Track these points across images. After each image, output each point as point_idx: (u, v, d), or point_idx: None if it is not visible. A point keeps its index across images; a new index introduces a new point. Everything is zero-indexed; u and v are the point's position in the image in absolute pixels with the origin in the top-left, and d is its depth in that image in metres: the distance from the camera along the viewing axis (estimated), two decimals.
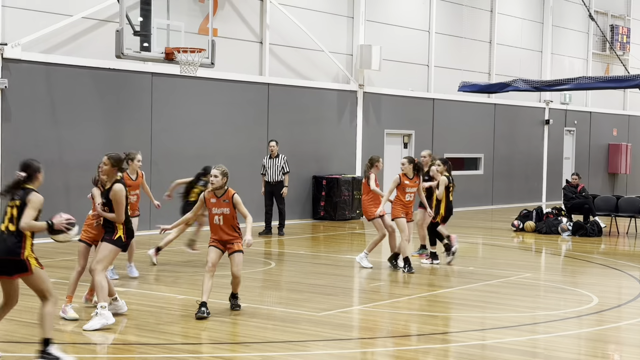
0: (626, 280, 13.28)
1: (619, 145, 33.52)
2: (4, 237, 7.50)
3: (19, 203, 7.56)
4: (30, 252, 7.56)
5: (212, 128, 19.45)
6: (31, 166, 7.85)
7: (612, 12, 33.60)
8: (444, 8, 25.98)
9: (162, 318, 9.68)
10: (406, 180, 13.30)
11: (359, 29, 23.04)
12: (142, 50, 15.01)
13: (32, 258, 7.57)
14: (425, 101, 25.41)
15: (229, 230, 9.87)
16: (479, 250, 17.53)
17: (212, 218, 9.88)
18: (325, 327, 9.39)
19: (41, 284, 7.68)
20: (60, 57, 16.82)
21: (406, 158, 13.69)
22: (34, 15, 16.45)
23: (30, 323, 9.17)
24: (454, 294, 11.67)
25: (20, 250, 7.48)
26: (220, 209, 9.82)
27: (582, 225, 19.21)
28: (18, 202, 7.54)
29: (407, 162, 13.51)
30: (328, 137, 22.29)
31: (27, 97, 16.39)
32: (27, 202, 7.57)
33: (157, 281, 12.25)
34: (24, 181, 7.70)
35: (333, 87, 22.51)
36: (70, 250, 15.12)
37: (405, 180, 13.31)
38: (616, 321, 10.17)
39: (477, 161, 27.64)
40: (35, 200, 7.61)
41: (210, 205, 9.87)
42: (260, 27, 20.69)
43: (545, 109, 30.25)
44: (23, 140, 16.34)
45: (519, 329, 9.47)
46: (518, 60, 28.89)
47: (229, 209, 9.82)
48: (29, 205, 7.56)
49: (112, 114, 17.71)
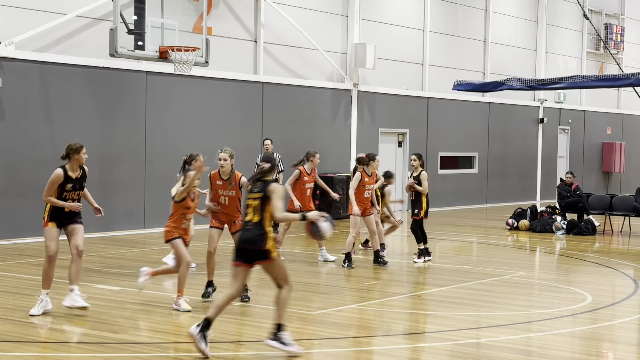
0: (620, 279, 13.31)
1: (613, 144, 33.58)
2: (248, 228, 7.91)
3: (261, 195, 7.91)
4: (272, 242, 7.89)
5: (206, 127, 19.44)
6: (273, 159, 8.29)
7: (606, 11, 33.67)
8: (439, 7, 25.99)
9: (156, 317, 9.66)
10: (366, 178, 13.69)
11: (353, 27, 23.04)
12: (136, 48, 14.97)
13: (273, 247, 7.91)
14: (420, 100, 25.42)
15: (232, 211, 10.25)
16: (473, 248, 17.55)
17: (218, 198, 10.20)
18: (319, 326, 9.39)
19: (280, 272, 8.03)
20: (54, 55, 16.79)
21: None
22: (27, 13, 16.41)
23: (25, 322, 9.15)
24: (448, 293, 11.67)
25: (264, 241, 7.86)
26: (227, 191, 10.17)
27: (576, 224, 19.24)
28: (259, 194, 7.90)
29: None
30: (322, 136, 22.28)
31: (21, 95, 16.35)
32: (270, 193, 7.90)
33: (152, 280, 12.23)
34: (266, 172, 8.07)
35: (327, 86, 22.50)
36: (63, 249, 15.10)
37: (365, 178, 13.70)
38: (610, 319, 10.19)
39: (472, 160, 27.67)
40: (280, 190, 7.99)
41: (216, 187, 10.20)
42: (254, 26, 20.68)
43: (539, 108, 30.29)
44: (17, 139, 16.30)
45: (514, 328, 9.48)
46: (512, 59, 28.93)
47: (235, 192, 10.18)
48: (275, 195, 7.90)
49: (106, 113, 17.69)
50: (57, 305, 9.83)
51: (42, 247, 15.13)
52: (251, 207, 7.96)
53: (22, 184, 16.38)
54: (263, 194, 7.93)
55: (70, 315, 9.53)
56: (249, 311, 10.07)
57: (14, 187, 16.30)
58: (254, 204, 7.96)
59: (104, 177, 17.64)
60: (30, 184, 16.46)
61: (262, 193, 7.93)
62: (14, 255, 14.26)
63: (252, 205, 7.97)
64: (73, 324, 9.17)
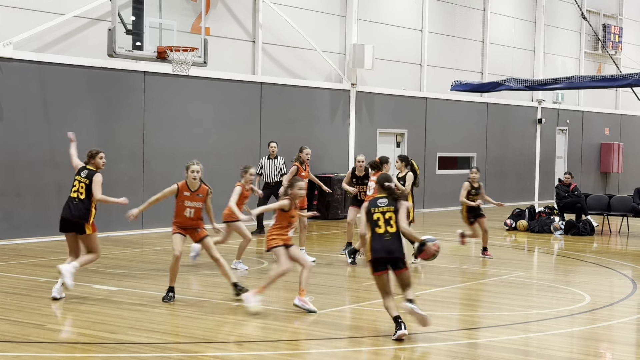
0: (618, 279, 13.31)
1: (611, 144, 33.60)
2: (387, 239, 8.76)
3: (392, 209, 8.82)
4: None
5: (204, 127, 19.43)
6: (390, 178, 9.18)
7: (604, 11, 33.69)
8: (437, 7, 26.00)
9: (155, 317, 9.66)
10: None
11: (351, 28, 23.04)
12: (135, 49, 14.97)
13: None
14: (418, 100, 25.42)
15: (195, 220, 10.58)
16: (471, 249, 17.56)
17: (184, 210, 10.53)
18: (318, 326, 9.39)
19: (408, 276, 8.95)
20: (52, 55, 16.78)
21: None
22: (25, 13, 16.40)
23: (23, 323, 9.15)
24: (446, 293, 11.67)
25: (403, 250, 8.86)
26: (194, 203, 10.52)
27: (575, 224, 19.25)
28: (390, 207, 8.80)
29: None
30: (321, 136, 22.28)
31: (19, 96, 16.34)
32: (400, 207, 8.82)
33: (150, 280, 12.23)
34: (391, 189, 8.94)
35: (326, 86, 22.50)
36: (62, 249, 15.10)
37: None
38: (608, 320, 10.19)
39: (470, 160, 27.67)
40: (407, 204, 8.94)
41: (183, 197, 10.55)
42: (252, 26, 20.68)
43: (537, 108, 30.30)
44: (15, 139, 16.29)
45: (512, 328, 9.48)
46: (510, 60, 28.94)
47: (201, 203, 10.55)
48: (402, 209, 8.83)
49: (105, 113, 17.68)
50: (60, 305, 9.81)
51: (40, 248, 15.15)
52: (382, 220, 8.76)
53: (21, 185, 16.37)
54: (394, 208, 8.81)
55: (69, 316, 9.53)
56: (241, 310, 10.05)
57: (12, 188, 16.29)
58: (385, 217, 8.75)
59: (102, 177, 17.56)
60: (28, 184, 16.45)
61: (393, 207, 8.81)
62: (12, 256, 14.25)
63: (385, 218, 8.75)
64: (72, 325, 9.15)
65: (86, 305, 10.10)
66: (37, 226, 16.50)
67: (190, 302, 10.67)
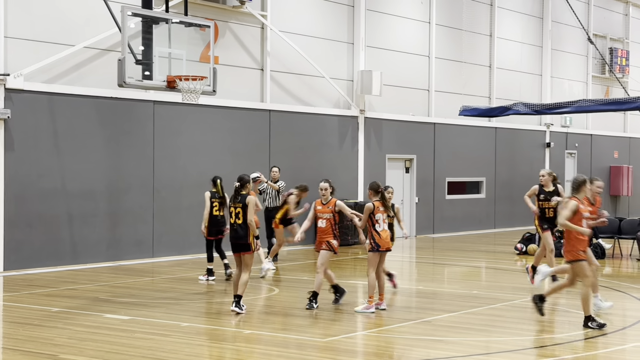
0: (630, 302, 13.26)
1: (620, 167, 33.56)
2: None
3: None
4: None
5: (214, 155, 19.50)
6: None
7: (610, 35, 33.78)
8: (444, 33, 26.12)
9: (167, 346, 9.66)
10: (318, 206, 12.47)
11: (359, 54, 23.16)
12: (144, 78, 15.04)
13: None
14: (426, 126, 25.48)
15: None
16: (482, 273, 17.51)
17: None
18: (330, 353, 9.37)
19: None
20: (63, 86, 16.91)
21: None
22: (36, 45, 16.55)
23: (34, 353, 9.15)
24: (458, 318, 11.64)
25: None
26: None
27: None
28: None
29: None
30: (330, 163, 22.33)
31: (29, 126, 16.45)
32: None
33: (162, 309, 12.23)
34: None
35: (334, 113, 22.59)
36: (73, 279, 15.12)
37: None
38: (621, 343, 10.14)
39: (479, 185, 27.66)
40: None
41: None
42: (261, 54, 20.81)
43: (546, 132, 30.32)
44: (26, 169, 16.38)
45: (525, 353, 9.45)
46: (518, 84, 29.00)
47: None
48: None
49: (115, 143, 17.77)
50: (72, 335, 9.80)
51: (51, 278, 15.17)
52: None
53: (31, 215, 16.44)
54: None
55: (81, 346, 9.53)
56: (253, 337, 10.03)
57: (23, 218, 16.35)
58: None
59: (113, 206, 17.69)
60: (39, 214, 16.51)
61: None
62: (24, 286, 14.28)
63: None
64: (84, 355, 9.16)
65: (98, 334, 10.11)
66: (48, 256, 16.55)
67: (202, 330, 10.67)
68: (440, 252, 20.90)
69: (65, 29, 16.97)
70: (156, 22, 14.92)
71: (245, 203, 11.68)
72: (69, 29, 17.02)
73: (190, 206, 17.89)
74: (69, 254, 16.91)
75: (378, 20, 23.91)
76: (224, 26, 19.88)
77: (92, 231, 17.29)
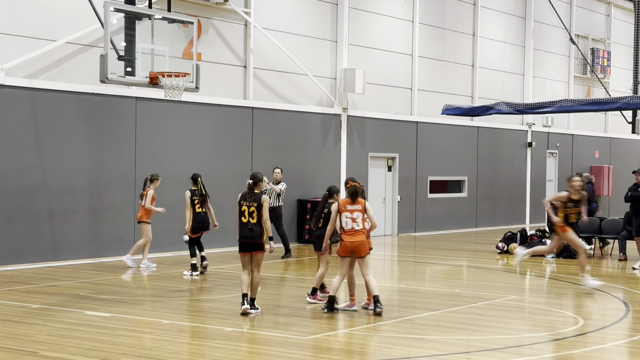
0: (610, 302, 13.33)
1: (601, 167, 33.75)
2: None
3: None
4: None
5: (196, 152, 19.45)
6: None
7: (592, 35, 33.97)
8: (427, 32, 26.16)
9: (147, 343, 9.62)
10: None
11: (342, 52, 23.15)
12: (127, 74, 14.99)
13: None
14: (409, 124, 25.52)
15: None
16: (463, 272, 17.56)
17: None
18: (313, 351, 9.37)
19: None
20: (44, 82, 16.80)
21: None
22: (17, 40, 16.43)
23: (15, 350, 9.09)
24: (439, 317, 11.67)
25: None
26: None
27: (567, 247, 19.26)
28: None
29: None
30: (312, 161, 22.33)
31: (10, 122, 16.34)
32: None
33: (142, 306, 12.19)
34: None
35: (317, 111, 22.57)
36: (53, 276, 15.04)
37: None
38: (601, 342, 10.20)
39: (461, 184, 27.74)
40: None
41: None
42: (244, 52, 20.76)
43: (527, 132, 30.44)
44: (6, 165, 16.27)
45: (505, 352, 9.48)
46: (500, 84, 29.11)
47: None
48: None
49: (96, 139, 17.69)
50: (52, 332, 9.75)
51: (31, 274, 15.08)
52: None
53: (11, 211, 16.33)
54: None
55: (62, 343, 9.48)
56: (236, 336, 10.01)
57: (3, 213, 16.24)
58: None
59: (94, 203, 17.61)
60: (18, 210, 16.41)
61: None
62: (3, 282, 14.18)
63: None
64: (64, 352, 9.11)
65: (79, 332, 10.06)
66: (28, 252, 16.45)
67: (183, 327, 10.64)
68: (422, 250, 20.95)
69: (47, 23, 16.86)
70: (139, 18, 14.86)
71: (261, 202, 11.39)
72: (51, 23, 16.91)
73: (172, 203, 17.81)
74: (49, 250, 16.81)
75: (362, 18, 23.92)
76: (207, 23, 19.82)
77: (72, 227, 17.21)
